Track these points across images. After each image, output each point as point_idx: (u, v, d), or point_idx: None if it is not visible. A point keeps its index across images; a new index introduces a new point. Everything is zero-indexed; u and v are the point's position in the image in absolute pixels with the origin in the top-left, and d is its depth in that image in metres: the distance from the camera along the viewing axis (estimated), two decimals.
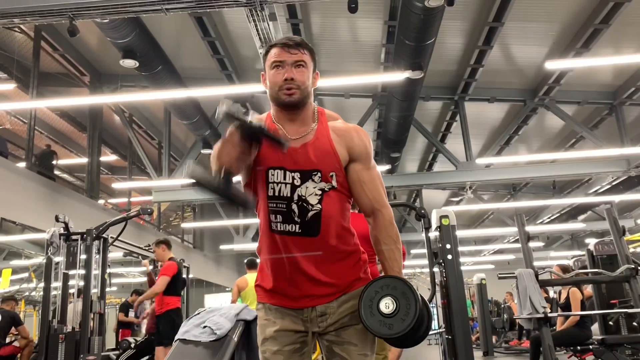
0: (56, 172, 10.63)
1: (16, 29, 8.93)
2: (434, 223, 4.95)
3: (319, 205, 1.54)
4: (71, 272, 5.26)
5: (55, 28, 8.79)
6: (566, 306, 5.48)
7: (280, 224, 1.56)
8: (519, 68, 9.22)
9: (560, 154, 11.42)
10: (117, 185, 13.76)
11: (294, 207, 1.54)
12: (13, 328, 6.58)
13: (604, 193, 11.84)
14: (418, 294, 1.47)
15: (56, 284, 5.27)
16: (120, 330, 8.15)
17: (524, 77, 9.45)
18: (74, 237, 5.30)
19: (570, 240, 19.78)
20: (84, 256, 5.27)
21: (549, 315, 4.95)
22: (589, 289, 6.90)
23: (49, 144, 10.64)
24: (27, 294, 9.29)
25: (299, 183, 1.54)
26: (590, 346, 5.32)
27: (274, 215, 1.56)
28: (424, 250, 5.03)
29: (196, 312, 4.08)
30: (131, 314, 8.06)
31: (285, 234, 1.55)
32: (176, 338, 3.85)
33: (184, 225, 16.12)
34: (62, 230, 5.30)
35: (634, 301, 4.87)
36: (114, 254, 7.09)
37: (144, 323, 7.30)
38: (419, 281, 16.15)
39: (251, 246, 12.34)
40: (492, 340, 9.45)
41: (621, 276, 4.92)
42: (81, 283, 5.22)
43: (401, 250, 1.61)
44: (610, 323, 5.63)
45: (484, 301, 9.45)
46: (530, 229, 6.42)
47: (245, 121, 1.42)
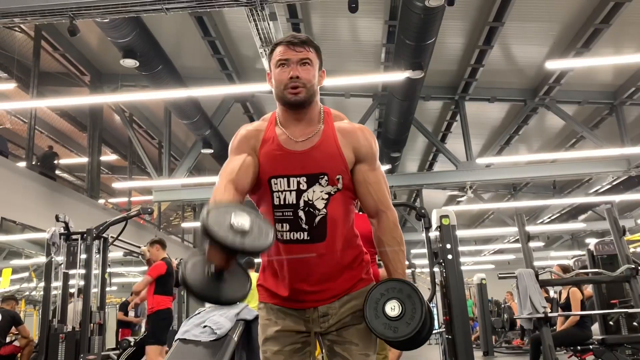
0: (57, 172, 10.63)
1: (16, 29, 8.93)
2: (434, 223, 4.96)
3: (325, 210, 1.51)
4: (71, 272, 5.27)
5: (56, 27, 8.78)
6: (566, 306, 5.48)
7: (287, 232, 1.53)
8: (519, 68, 9.21)
9: (560, 154, 11.41)
10: (118, 184, 13.76)
11: (301, 214, 1.51)
12: (13, 327, 6.58)
13: (604, 193, 11.84)
14: (424, 298, 1.47)
15: (56, 284, 5.28)
16: (120, 329, 8.15)
17: (524, 77, 9.44)
18: (74, 237, 5.31)
19: (571, 240, 19.77)
20: (84, 256, 5.28)
21: (549, 315, 4.95)
22: (589, 289, 6.89)
23: (51, 145, 10.65)
24: (28, 293, 9.29)
25: (305, 187, 1.51)
26: (591, 346, 5.32)
27: (281, 224, 1.53)
28: (424, 250, 5.04)
29: (196, 312, 4.08)
30: (131, 313, 8.07)
31: (292, 242, 1.53)
32: (176, 338, 3.85)
33: (184, 224, 16.12)
34: (63, 230, 5.30)
35: (634, 301, 4.87)
36: (114, 254, 7.09)
37: (144, 322, 7.30)
38: (419, 281, 16.14)
39: None
40: (492, 340, 9.45)
41: (621, 276, 4.92)
42: (81, 283, 5.22)
43: (405, 252, 1.60)
44: (611, 323, 5.63)
45: (484, 301, 9.45)
46: (530, 228, 6.41)
47: (225, 244, 1.26)
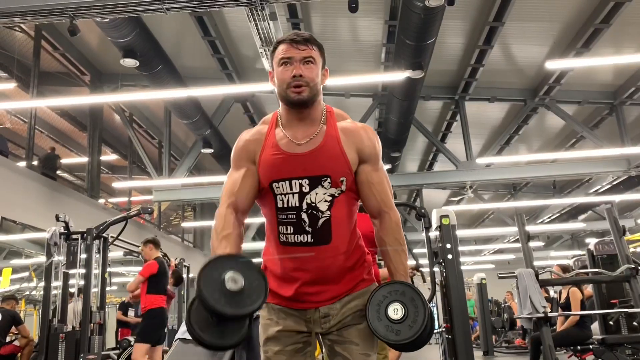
0: (58, 173, 10.63)
1: (17, 28, 8.93)
2: (434, 222, 4.95)
3: (328, 212, 1.50)
4: (71, 272, 5.27)
5: (56, 27, 8.78)
6: (566, 306, 5.48)
7: (291, 235, 1.52)
8: (519, 68, 9.21)
9: (560, 154, 11.41)
10: (118, 184, 13.77)
11: (304, 217, 1.50)
12: (13, 327, 6.58)
13: (604, 193, 11.84)
14: (427, 302, 1.46)
15: (56, 283, 5.28)
16: (119, 329, 8.15)
17: (524, 77, 9.44)
18: (74, 237, 5.31)
19: (571, 240, 19.77)
20: (84, 255, 5.28)
21: (549, 315, 4.95)
22: (589, 289, 6.89)
23: (54, 147, 10.66)
24: (28, 293, 9.29)
25: (307, 190, 1.50)
26: (590, 346, 5.32)
27: (285, 227, 1.52)
28: (424, 250, 5.04)
29: None
30: (131, 312, 8.06)
31: (296, 245, 1.52)
32: (176, 338, 3.85)
33: (184, 224, 16.13)
34: (63, 230, 5.30)
35: (634, 301, 4.87)
36: (114, 253, 7.09)
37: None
38: (419, 280, 16.10)
39: (251, 246, 12.33)
40: (492, 340, 9.44)
41: (621, 276, 4.92)
42: (81, 282, 5.23)
43: (407, 253, 1.59)
44: (611, 323, 5.63)
45: (484, 301, 9.45)
46: (530, 228, 6.41)
47: (216, 312, 1.23)
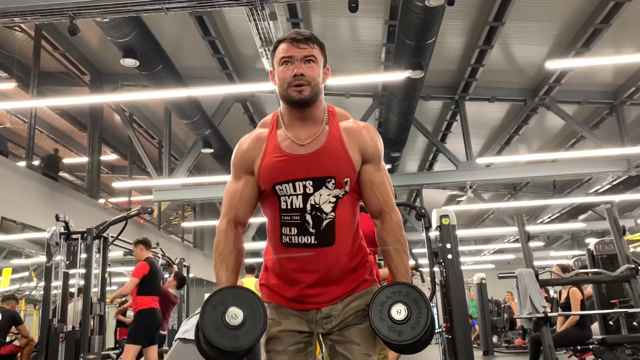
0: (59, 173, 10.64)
1: (17, 28, 8.93)
2: (434, 222, 4.95)
3: (332, 214, 1.49)
4: (71, 272, 5.27)
5: (56, 27, 8.78)
6: (566, 306, 5.48)
7: (294, 237, 1.50)
8: (519, 68, 9.21)
9: (560, 154, 11.42)
10: (118, 184, 13.77)
11: (308, 218, 1.49)
12: (13, 327, 6.58)
13: (604, 193, 11.84)
14: (430, 303, 1.47)
15: (56, 283, 5.28)
16: (118, 329, 8.15)
17: (524, 77, 9.44)
18: (74, 237, 5.31)
19: (571, 240, 19.77)
20: (84, 255, 5.28)
21: (549, 314, 4.95)
22: (589, 289, 6.89)
23: (57, 149, 10.66)
24: (28, 293, 9.29)
25: (311, 191, 1.48)
26: (590, 346, 5.31)
27: (288, 228, 1.51)
28: (424, 250, 5.03)
29: (196, 312, 4.08)
30: (130, 312, 8.05)
31: (300, 246, 1.51)
32: (176, 338, 3.86)
33: (184, 224, 16.13)
34: (63, 230, 5.30)
35: (634, 301, 4.87)
36: (114, 253, 7.09)
37: None
38: (419, 280, 16.10)
39: (251, 246, 12.33)
40: (492, 339, 9.43)
41: (621, 276, 4.92)
42: (81, 282, 5.23)
43: (408, 253, 1.59)
44: (610, 323, 5.63)
45: (484, 301, 9.44)
46: (530, 228, 6.41)
47: (218, 348, 1.35)
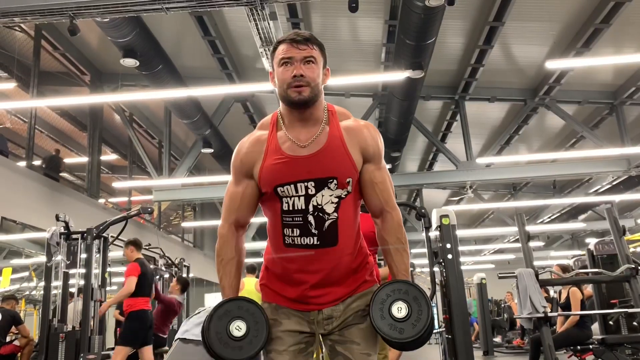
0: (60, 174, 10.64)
1: (17, 28, 8.93)
2: (434, 222, 4.95)
3: (335, 214, 1.49)
4: (71, 271, 5.27)
5: (56, 27, 8.78)
6: (566, 306, 5.47)
7: (297, 238, 1.50)
8: (519, 68, 9.21)
9: (560, 154, 11.42)
10: (118, 184, 13.77)
11: (310, 219, 1.48)
12: (13, 327, 6.58)
13: (604, 193, 11.84)
14: (430, 301, 1.47)
15: (56, 283, 5.28)
16: (118, 329, 8.15)
17: (524, 77, 9.44)
18: (74, 236, 5.31)
19: (571, 240, 19.77)
20: (84, 255, 5.28)
21: (549, 315, 4.95)
22: (589, 289, 6.89)
23: (58, 149, 10.66)
24: (28, 293, 9.29)
25: (313, 192, 1.48)
26: (590, 346, 5.31)
27: (290, 229, 1.51)
28: (424, 250, 5.03)
29: (196, 311, 4.08)
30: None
31: (302, 247, 1.50)
32: (176, 337, 3.85)
33: (184, 224, 16.13)
34: (63, 230, 5.30)
35: (634, 301, 4.87)
36: (115, 253, 7.08)
37: None
38: (419, 280, 16.13)
39: (251, 246, 12.33)
40: (495, 339, 9.43)
41: (621, 276, 4.92)
42: (81, 282, 5.23)
43: (408, 252, 1.59)
44: (611, 323, 5.63)
45: (484, 301, 9.44)
46: (530, 228, 6.41)
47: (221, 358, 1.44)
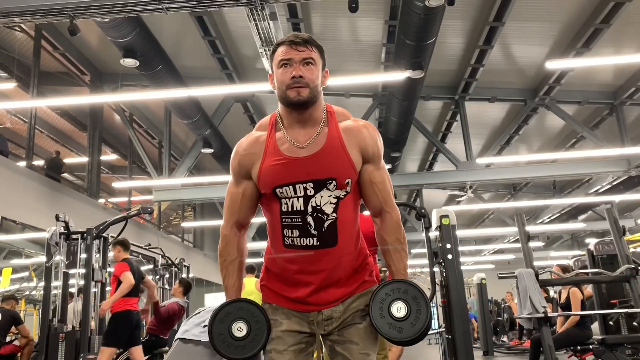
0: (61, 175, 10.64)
1: (17, 28, 8.93)
2: (434, 223, 4.95)
3: (334, 214, 1.49)
4: (71, 272, 5.27)
5: (56, 27, 8.78)
6: (566, 306, 5.48)
7: (297, 239, 1.51)
8: (519, 68, 9.21)
9: (560, 154, 11.41)
10: (118, 184, 13.76)
11: (310, 220, 1.49)
12: (13, 327, 6.58)
13: (604, 193, 11.84)
14: (429, 301, 1.48)
15: (56, 283, 5.28)
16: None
17: (524, 77, 9.44)
18: (74, 236, 5.32)
19: (571, 240, 19.78)
20: (84, 255, 5.28)
21: (549, 315, 4.95)
22: (589, 289, 6.89)
23: (59, 151, 10.66)
24: (28, 293, 9.30)
25: (312, 193, 1.48)
26: (590, 346, 5.32)
27: (290, 230, 1.51)
28: (424, 250, 5.04)
29: (196, 312, 4.08)
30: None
31: (302, 248, 1.51)
32: (176, 337, 3.85)
33: (184, 224, 16.13)
34: (63, 230, 5.31)
35: (634, 301, 4.87)
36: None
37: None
38: (419, 281, 16.14)
39: (251, 246, 12.31)
40: (496, 340, 9.43)
41: (621, 276, 4.93)
42: (81, 282, 5.23)
43: (407, 252, 1.60)
44: (611, 323, 5.63)
45: (484, 301, 9.45)
46: (530, 228, 6.41)
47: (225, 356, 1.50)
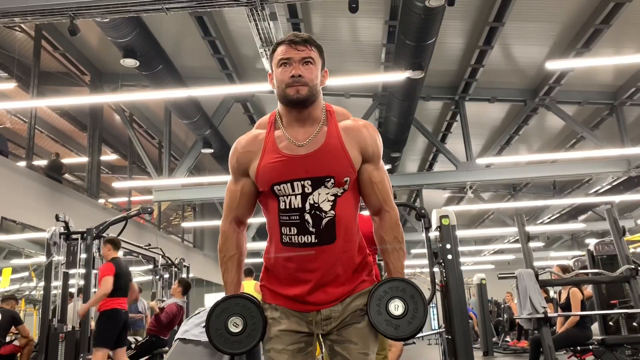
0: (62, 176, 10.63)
1: (17, 28, 8.93)
2: (434, 223, 4.96)
3: (332, 212, 1.50)
4: (71, 272, 5.27)
5: (56, 27, 8.78)
6: (566, 306, 5.48)
7: (294, 236, 1.52)
8: (519, 68, 9.21)
9: (560, 154, 11.41)
10: (118, 184, 13.76)
11: (307, 217, 1.50)
12: (13, 327, 6.58)
13: (604, 193, 11.84)
14: (426, 299, 1.50)
15: (56, 283, 5.28)
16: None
17: (524, 77, 9.44)
18: (74, 236, 5.32)
19: (571, 241, 19.77)
20: (84, 255, 5.28)
21: (549, 315, 4.95)
22: (589, 289, 6.89)
23: (58, 152, 10.66)
24: (28, 293, 9.29)
25: (310, 190, 1.49)
26: (590, 346, 5.32)
27: (288, 228, 1.52)
28: (424, 250, 5.04)
29: (196, 312, 4.08)
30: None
31: (300, 245, 1.52)
32: (176, 338, 3.85)
33: (184, 224, 16.13)
34: (63, 230, 5.31)
35: (634, 301, 4.87)
36: None
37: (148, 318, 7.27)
38: (419, 281, 16.15)
39: (251, 246, 12.30)
40: (495, 340, 9.44)
41: (621, 276, 4.93)
42: (81, 282, 5.23)
43: (405, 251, 1.61)
44: (610, 323, 5.63)
45: (484, 301, 9.45)
46: (530, 229, 6.41)
47: (220, 350, 1.52)
